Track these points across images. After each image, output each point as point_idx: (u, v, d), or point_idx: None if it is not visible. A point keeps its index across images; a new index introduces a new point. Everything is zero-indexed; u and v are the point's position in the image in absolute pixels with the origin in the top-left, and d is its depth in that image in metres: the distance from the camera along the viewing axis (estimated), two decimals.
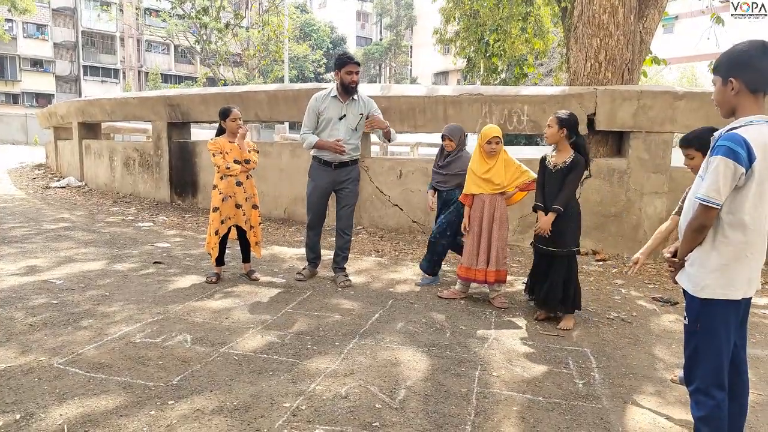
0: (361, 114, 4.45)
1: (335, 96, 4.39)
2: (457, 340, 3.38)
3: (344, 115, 4.38)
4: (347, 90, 4.33)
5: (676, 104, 5.73)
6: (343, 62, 4.32)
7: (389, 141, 4.51)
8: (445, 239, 4.58)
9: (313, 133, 4.46)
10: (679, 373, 2.90)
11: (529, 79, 13.18)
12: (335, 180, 4.48)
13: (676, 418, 2.51)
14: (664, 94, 5.80)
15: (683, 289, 2.05)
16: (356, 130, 4.46)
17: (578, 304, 3.78)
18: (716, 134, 1.93)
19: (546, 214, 3.70)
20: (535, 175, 4.06)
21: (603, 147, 6.18)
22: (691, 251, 2.00)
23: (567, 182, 3.65)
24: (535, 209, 3.86)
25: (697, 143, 2.60)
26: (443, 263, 4.90)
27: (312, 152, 4.55)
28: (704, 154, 2.04)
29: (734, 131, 1.85)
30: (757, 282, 2.00)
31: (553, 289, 3.69)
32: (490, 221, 4.06)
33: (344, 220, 4.57)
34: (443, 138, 4.57)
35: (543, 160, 3.84)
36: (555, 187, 3.70)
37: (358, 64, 4.35)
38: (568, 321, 3.70)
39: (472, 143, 4.77)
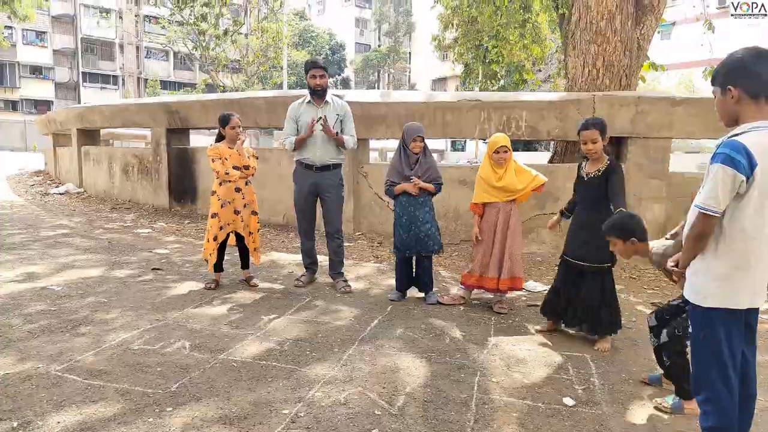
0: (338, 115, 4.57)
1: (310, 101, 4.54)
2: (456, 345, 3.37)
3: (320, 118, 4.49)
4: (315, 93, 4.49)
5: (673, 110, 5.74)
6: (307, 67, 4.52)
7: (344, 148, 4.59)
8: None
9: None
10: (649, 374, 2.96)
11: (528, 86, 13.22)
12: (318, 184, 4.56)
13: (676, 424, 2.50)
14: (662, 100, 5.82)
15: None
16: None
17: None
18: (719, 141, 1.91)
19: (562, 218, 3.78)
20: (545, 179, 4.06)
21: None
22: (693, 260, 1.97)
23: (617, 189, 3.34)
24: (562, 214, 3.83)
25: None
26: (442, 269, 4.89)
27: (294, 157, 4.66)
28: None
29: (735, 138, 1.82)
30: (764, 292, 1.94)
31: (594, 308, 3.44)
32: (504, 229, 4.03)
33: (332, 223, 4.63)
34: (416, 139, 4.14)
35: (579, 167, 3.62)
36: (588, 194, 3.50)
37: (324, 69, 4.48)
38: (606, 342, 3.47)
39: (470, 148, 4.76)
